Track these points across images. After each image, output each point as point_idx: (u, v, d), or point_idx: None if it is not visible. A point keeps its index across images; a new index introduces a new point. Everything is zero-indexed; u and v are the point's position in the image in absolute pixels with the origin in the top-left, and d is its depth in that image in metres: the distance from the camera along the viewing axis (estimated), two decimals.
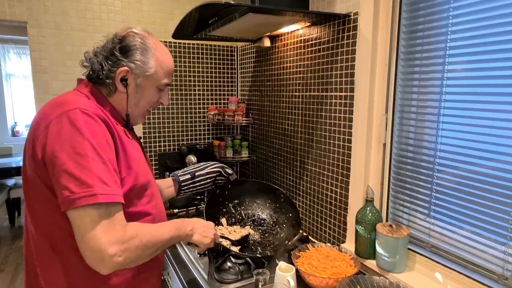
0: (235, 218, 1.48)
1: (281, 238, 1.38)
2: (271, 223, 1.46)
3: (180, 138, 2.21)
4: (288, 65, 1.69)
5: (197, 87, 2.22)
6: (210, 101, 2.27)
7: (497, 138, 0.94)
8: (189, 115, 2.22)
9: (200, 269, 1.26)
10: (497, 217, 0.96)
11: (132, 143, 0.92)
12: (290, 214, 1.44)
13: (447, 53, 1.05)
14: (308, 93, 1.56)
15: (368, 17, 1.21)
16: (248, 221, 1.45)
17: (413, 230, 1.20)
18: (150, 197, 0.93)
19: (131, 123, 0.97)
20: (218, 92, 2.29)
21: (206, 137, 2.30)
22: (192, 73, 2.19)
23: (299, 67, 1.61)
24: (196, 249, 1.06)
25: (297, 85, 1.64)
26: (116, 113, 0.93)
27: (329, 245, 1.30)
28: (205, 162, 1.36)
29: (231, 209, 1.50)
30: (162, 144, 2.16)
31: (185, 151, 2.11)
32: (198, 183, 1.30)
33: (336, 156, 1.41)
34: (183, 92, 2.18)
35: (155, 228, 0.86)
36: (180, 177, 1.27)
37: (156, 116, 2.12)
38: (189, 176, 1.28)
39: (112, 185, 0.76)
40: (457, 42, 1.02)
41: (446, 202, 1.09)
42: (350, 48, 1.30)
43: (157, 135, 2.13)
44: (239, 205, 1.47)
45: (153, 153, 2.14)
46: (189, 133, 2.24)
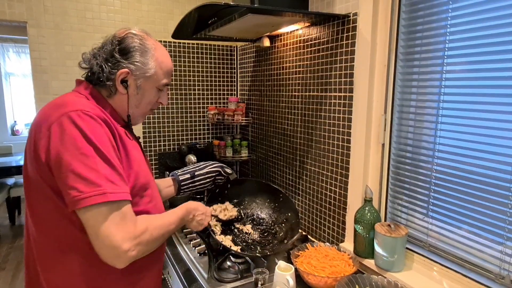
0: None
1: (280, 238, 1.39)
2: (271, 222, 1.47)
3: (180, 137, 2.22)
4: (288, 65, 1.70)
5: (196, 87, 2.22)
6: (209, 100, 2.28)
7: (494, 138, 0.95)
8: (189, 114, 2.22)
9: (200, 268, 1.27)
10: (494, 217, 0.96)
11: (133, 143, 0.92)
12: (289, 214, 1.44)
13: (446, 54, 1.05)
14: (307, 93, 1.56)
15: (367, 17, 1.21)
16: (247, 220, 1.46)
17: (411, 229, 1.21)
18: (150, 197, 0.94)
19: (132, 123, 0.98)
20: (217, 92, 2.29)
21: (206, 136, 2.31)
22: (191, 73, 2.19)
23: (298, 67, 1.62)
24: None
25: (296, 85, 1.64)
26: (116, 114, 0.94)
27: (328, 244, 1.31)
28: (204, 162, 1.36)
29: None
30: (162, 143, 2.16)
31: (185, 151, 2.11)
32: (198, 183, 1.31)
33: (335, 156, 1.42)
34: (183, 91, 2.18)
35: (162, 221, 0.92)
36: (180, 177, 1.28)
37: (156, 116, 2.12)
38: (189, 175, 1.29)
39: (119, 184, 0.78)
40: (455, 43, 1.03)
41: (444, 202, 1.09)
42: (349, 49, 1.31)
43: (157, 134, 2.14)
44: (239, 204, 1.47)
45: (153, 153, 2.14)
46: (189, 132, 2.24)
